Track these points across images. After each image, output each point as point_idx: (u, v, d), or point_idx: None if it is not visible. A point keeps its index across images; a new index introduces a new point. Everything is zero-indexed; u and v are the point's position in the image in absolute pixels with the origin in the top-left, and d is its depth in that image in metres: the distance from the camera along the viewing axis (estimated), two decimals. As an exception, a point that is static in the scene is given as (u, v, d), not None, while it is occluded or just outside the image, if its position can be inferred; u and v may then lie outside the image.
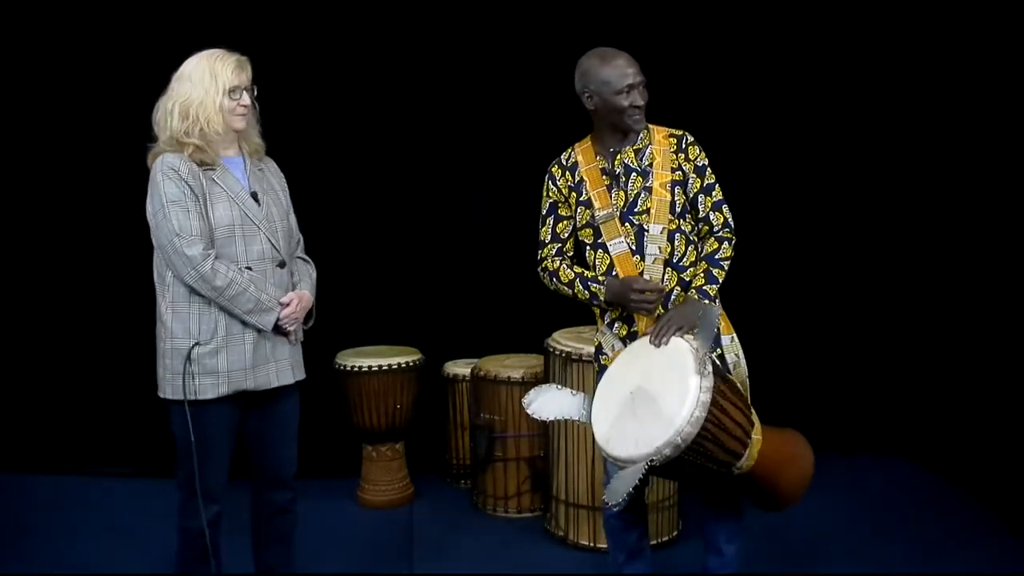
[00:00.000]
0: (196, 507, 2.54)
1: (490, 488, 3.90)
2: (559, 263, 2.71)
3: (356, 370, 3.88)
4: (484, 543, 3.62)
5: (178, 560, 2.68)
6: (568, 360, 3.49)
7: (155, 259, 2.58)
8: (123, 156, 3.07)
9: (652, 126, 2.69)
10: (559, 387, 2.70)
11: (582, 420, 2.59)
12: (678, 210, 2.62)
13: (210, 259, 2.47)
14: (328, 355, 3.99)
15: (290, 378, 2.68)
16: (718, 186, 2.67)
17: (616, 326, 2.68)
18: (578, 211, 2.69)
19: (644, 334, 2.56)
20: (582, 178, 2.68)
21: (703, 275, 2.60)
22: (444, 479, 4.27)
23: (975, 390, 3.96)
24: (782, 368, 4.13)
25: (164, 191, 2.47)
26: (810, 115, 4.34)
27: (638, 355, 2.51)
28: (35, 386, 4.30)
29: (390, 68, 4.33)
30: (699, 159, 2.66)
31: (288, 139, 4.21)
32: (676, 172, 2.63)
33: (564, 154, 2.76)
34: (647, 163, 2.64)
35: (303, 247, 2.85)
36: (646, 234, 2.60)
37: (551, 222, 2.74)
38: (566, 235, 2.74)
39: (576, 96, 2.62)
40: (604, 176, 2.66)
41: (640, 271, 2.59)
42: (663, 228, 2.60)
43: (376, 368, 3.87)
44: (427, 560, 3.44)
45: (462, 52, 4.35)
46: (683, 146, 2.66)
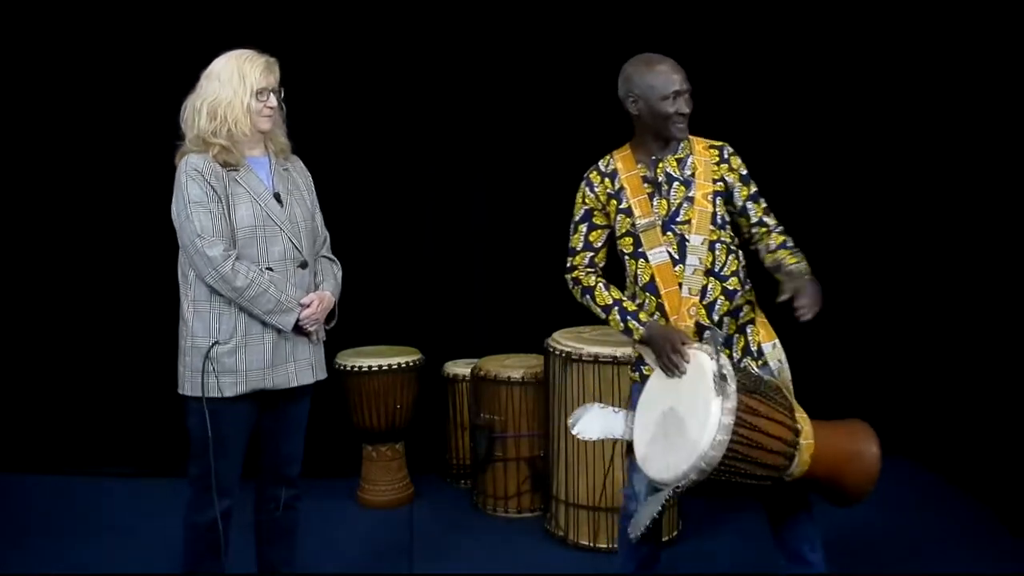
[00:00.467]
0: (207, 502, 2.56)
1: (490, 488, 3.90)
2: (595, 280, 2.68)
3: (356, 370, 3.88)
4: (484, 543, 3.62)
5: (185, 557, 2.69)
6: (568, 360, 3.49)
7: (180, 258, 2.60)
8: (148, 154, 3.08)
9: (692, 136, 2.65)
10: (601, 405, 2.64)
11: (626, 438, 2.55)
12: (719, 221, 2.58)
13: (230, 259, 2.49)
14: (328, 355, 3.97)
15: (310, 378, 2.70)
16: (758, 191, 2.65)
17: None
18: (617, 219, 2.63)
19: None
20: (622, 186, 2.63)
21: (793, 254, 2.53)
22: (444, 479, 4.27)
23: (975, 390, 3.96)
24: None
25: (187, 192, 2.49)
26: (830, 120, 4.31)
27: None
28: (35, 386, 4.31)
29: (391, 69, 4.33)
30: (742, 168, 2.64)
31: (291, 140, 4.26)
32: (718, 183, 2.60)
33: (602, 161, 2.71)
34: (689, 173, 2.60)
35: (329, 246, 2.86)
36: (687, 244, 2.55)
37: (584, 230, 2.70)
38: (599, 244, 2.70)
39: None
40: (646, 184, 2.61)
41: (680, 281, 2.55)
42: (704, 239, 2.56)
43: (376, 368, 3.87)
44: (427, 560, 3.44)
45: (463, 53, 4.35)
46: (725, 156, 2.63)
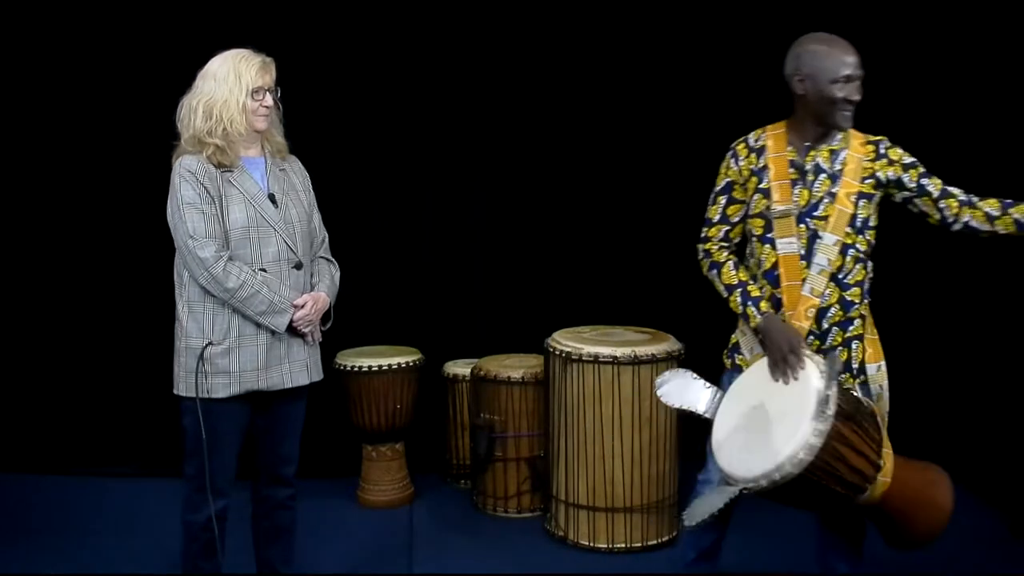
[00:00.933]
0: (201, 501, 2.56)
1: (490, 488, 3.90)
2: (726, 256, 2.58)
3: (356, 370, 3.88)
4: (484, 543, 3.62)
5: (183, 557, 2.69)
6: (568, 360, 3.49)
7: (176, 259, 2.60)
8: (147, 155, 3.07)
9: (851, 130, 2.51)
10: (695, 376, 2.56)
11: (708, 416, 2.49)
12: (858, 224, 2.46)
13: (222, 261, 2.49)
14: (328, 355, 3.99)
15: (305, 379, 2.69)
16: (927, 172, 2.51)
17: None
18: (754, 198, 2.52)
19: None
20: (767, 165, 2.50)
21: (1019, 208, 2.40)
22: (444, 479, 4.27)
23: (976, 390, 3.95)
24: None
25: (180, 193, 2.50)
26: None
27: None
28: (36, 387, 4.30)
29: (391, 70, 4.33)
30: (904, 157, 2.49)
31: (289, 140, 4.26)
32: (867, 181, 2.46)
33: (752, 135, 2.58)
34: (839, 168, 2.47)
35: (328, 247, 2.86)
36: (818, 241, 2.44)
37: (723, 202, 2.59)
38: (736, 219, 2.58)
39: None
40: (792, 169, 2.48)
41: (803, 278, 2.44)
42: (838, 240, 2.44)
43: (376, 368, 3.87)
44: (427, 560, 3.44)
45: (463, 54, 4.35)
46: (882, 151, 2.49)
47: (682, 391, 2.54)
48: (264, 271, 2.56)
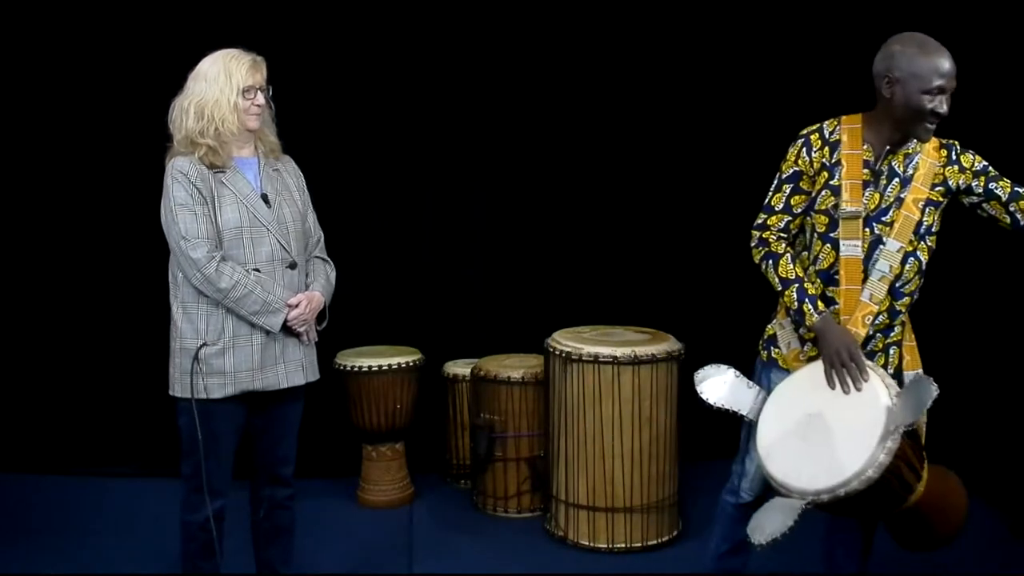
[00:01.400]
0: (199, 501, 2.56)
1: (490, 488, 3.90)
2: (784, 248, 2.46)
3: (356, 370, 3.88)
4: (484, 543, 3.62)
5: (183, 557, 2.69)
6: (568, 360, 3.49)
7: (170, 260, 2.60)
8: (138, 156, 3.08)
9: None
10: (737, 374, 2.47)
11: (749, 418, 2.42)
12: (922, 231, 2.39)
13: (215, 261, 2.48)
14: (328, 355, 3.99)
15: (300, 379, 2.69)
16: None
17: (804, 328, 2.43)
18: (822, 193, 2.41)
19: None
20: (840, 161, 2.38)
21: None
22: (444, 479, 4.27)
23: (976, 389, 3.95)
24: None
25: (173, 195, 2.50)
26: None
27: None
28: (36, 387, 4.30)
29: (391, 70, 4.33)
30: (976, 163, 2.41)
31: (289, 140, 4.25)
32: (936, 189, 2.39)
33: (828, 124, 2.44)
34: (911, 172, 2.38)
35: (323, 246, 2.86)
36: (881, 247, 2.37)
37: (788, 191, 2.46)
38: (799, 210, 2.46)
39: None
40: (865, 170, 2.37)
41: (863, 283, 2.37)
42: (901, 247, 2.37)
43: (376, 368, 3.87)
44: (427, 560, 3.44)
45: (462, 54, 4.35)
46: (954, 157, 2.41)
47: (723, 389, 2.46)
48: (258, 271, 2.56)
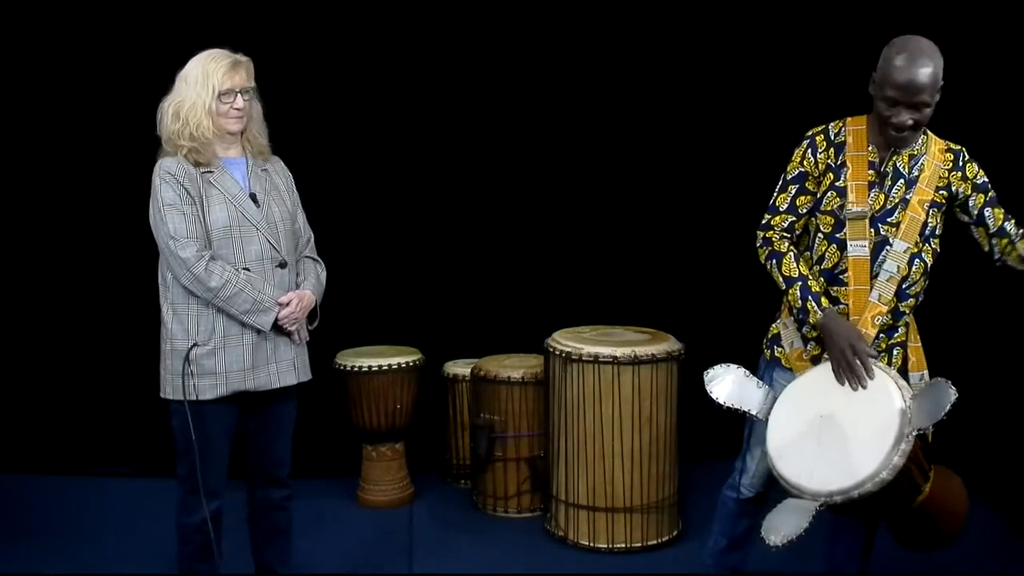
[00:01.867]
0: (195, 503, 2.55)
1: (490, 488, 3.90)
2: (787, 247, 2.49)
3: (356, 370, 3.88)
4: (484, 543, 3.62)
5: (179, 559, 2.69)
6: (568, 360, 3.48)
7: (159, 261, 2.59)
8: (130, 157, 3.06)
9: (931, 134, 2.44)
10: (748, 374, 2.49)
11: (759, 417, 2.43)
12: (927, 233, 2.40)
13: (204, 260, 2.47)
14: (328, 355, 3.99)
15: (292, 379, 2.68)
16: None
17: (807, 328, 2.45)
18: (827, 195, 2.43)
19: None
20: (845, 162, 2.41)
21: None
22: (444, 479, 4.27)
23: (976, 389, 3.94)
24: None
25: (161, 195, 2.48)
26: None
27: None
28: (35, 386, 4.31)
29: (391, 70, 4.33)
30: (979, 176, 2.42)
31: (289, 140, 4.22)
32: (940, 192, 2.40)
33: (833, 126, 2.46)
34: (916, 173, 2.39)
35: (314, 246, 2.84)
36: (888, 248, 2.38)
37: (793, 191, 2.48)
38: (804, 211, 2.48)
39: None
40: (871, 171, 2.40)
41: (872, 284, 2.39)
42: (908, 248, 2.38)
43: (376, 368, 3.87)
44: (427, 560, 3.44)
45: (462, 53, 4.35)
46: (960, 163, 2.42)
47: (733, 389, 2.46)
48: (247, 270, 2.54)
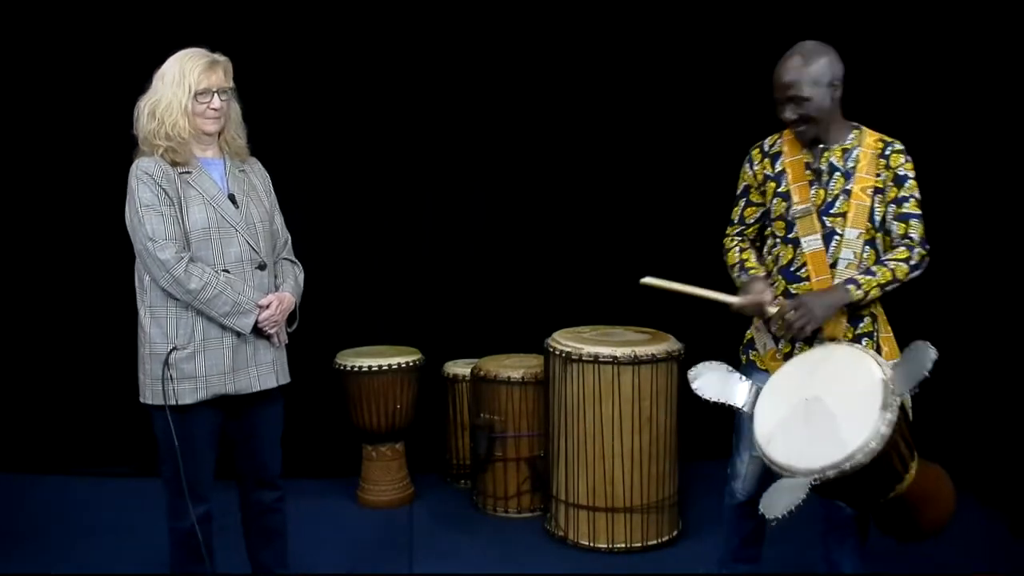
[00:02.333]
0: (183, 508, 2.53)
1: (490, 488, 3.90)
2: (733, 244, 2.74)
3: (356, 370, 3.88)
4: (484, 543, 3.62)
5: (172, 561, 2.67)
6: (568, 360, 3.49)
7: (136, 264, 2.55)
8: (110, 157, 3.03)
9: (865, 129, 2.58)
10: (730, 369, 2.56)
11: (744, 410, 2.49)
12: (876, 218, 2.51)
13: (183, 262, 2.43)
14: (328, 355, 4.00)
15: (272, 382, 2.65)
16: (914, 201, 2.50)
17: (776, 324, 2.57)
18: (773, 201, 2.61)
19: (825, 340, 2.50)
20: (784, 169, 2.60)
21: (864, 268, 2.49)
22: (444, 479, 4.27)
23: (975, 389, 3.95)
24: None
25: (138, 196, 2.44)
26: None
27: (820, 361, 2.41)
28: (34, 386, 4.31)
29: (392, 71, 4.33)
30: (901, 168, 2.51)
31: (290, 140, 4.26)
32: (878, 178, 2.51)
33: (768, 139, 2.69)
34: (852, 165, 2.53)
35: (291, 248, 2.82)
36: (837, 238, 2.51)
37: (742, 204, 2.74)
38: (752, 220, 2.72)
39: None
40: (808, 171, 2.57)
41: (832, 275, 2.51)
42: (860, 233, 2.50)
43: (376, 368, 3.87)
44: (427, 560, 3.44)
45: (462, 53, 4.35)
46: (886, 153, 2.52)
47: (718, 384, 2.53)
48: (227, 272, 2.51)
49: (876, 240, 2.52)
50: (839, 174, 2.53)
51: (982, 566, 3.28)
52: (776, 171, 2.61)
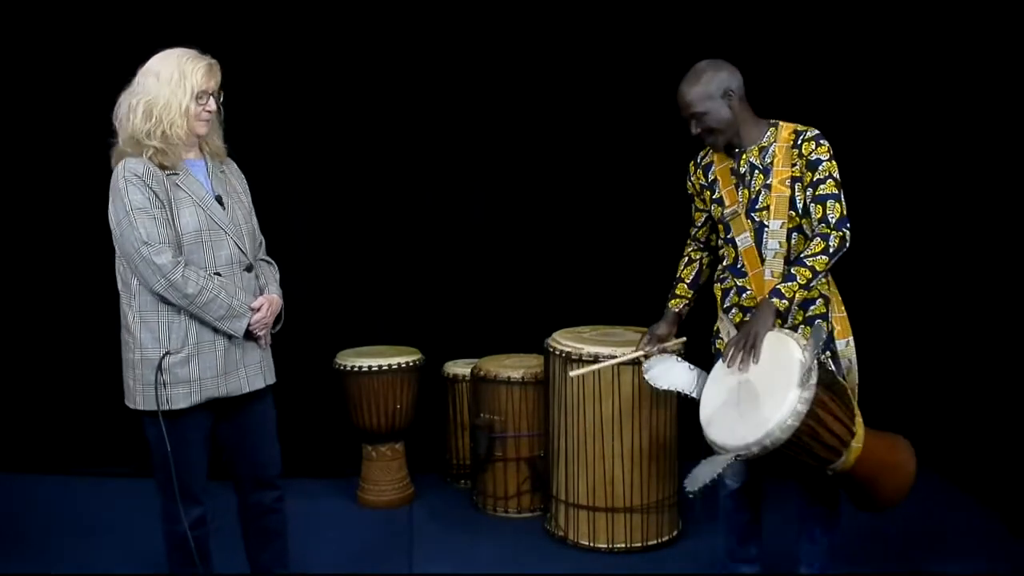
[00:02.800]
0: (178, 512, 2.52)
1: (490, 488, 3.91)
2: (688, 249, 3.05)
3: (356, 370, 3.88)
4: (484, 543, 3.62)
5: (169, 564, 2.67)
6: (568, 360, 3.48)
7: (118, 265, 2.52)
8: (93, 155, 2.99)
9: (781, 123, 2.73)
10: (678, 359, 2.85)
11: (693, 396, 2.70)
12: (799, 206, 2.64)
13: (180, 267, 2.41)
14: (328, 355, 4.00)
15: (261, 383, 2.65)
16: (831, 182, 2.60)
17: (732, 312, 2.79)
18: (712, 208, 2.84)
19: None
20: (716, 177, 2.80)
21: (783, 274, 2.59)
22: (444, 479, 4.27)
23: (975, 389, 3.95)
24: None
25: (129, 198, 2.39)
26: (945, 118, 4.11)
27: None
28: (35, 387, 4.31)
29: (392, 71, 4.33)
30: (813, 154, 2.63)
31: (290, 141, 4.26)
32: (794, 168, 2.65)
33: (701, 152, 2.89)
34: (769, 161, 2.69)
35: (265, 248, 2.81)
36: (766, 230, 2.67)
37: (693, 211, 3.00)
38: (699, 224, 2.98)
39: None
40: (733, 176, 2.76)
41: (762, 265, 2.69)
42: (782, 223, 2.65)
43: (376, 368, 3.87)
44: (427, 560, 3.44)
45: (462, 53, 4.35)
46: (798, 141, 2.66)
47: (666, 374, 2.80)
48: (218, 275, 2.50)
49: (804, 226, 2.65)
50: (758, 172, 2.70)
51: (982, 566, 3.28)
52: (709, 180, 2.83)
